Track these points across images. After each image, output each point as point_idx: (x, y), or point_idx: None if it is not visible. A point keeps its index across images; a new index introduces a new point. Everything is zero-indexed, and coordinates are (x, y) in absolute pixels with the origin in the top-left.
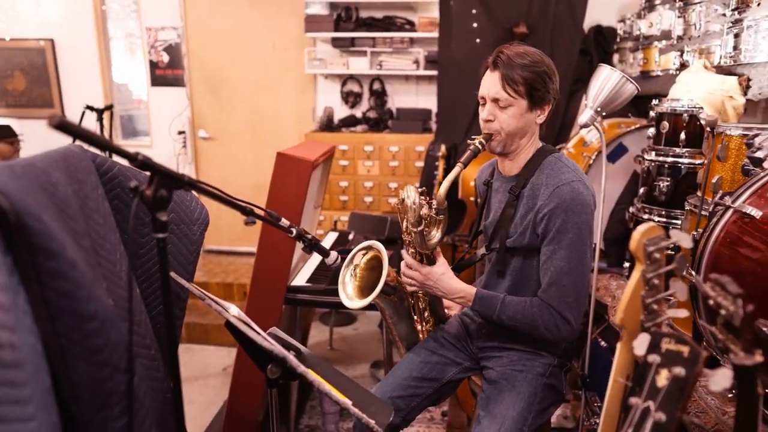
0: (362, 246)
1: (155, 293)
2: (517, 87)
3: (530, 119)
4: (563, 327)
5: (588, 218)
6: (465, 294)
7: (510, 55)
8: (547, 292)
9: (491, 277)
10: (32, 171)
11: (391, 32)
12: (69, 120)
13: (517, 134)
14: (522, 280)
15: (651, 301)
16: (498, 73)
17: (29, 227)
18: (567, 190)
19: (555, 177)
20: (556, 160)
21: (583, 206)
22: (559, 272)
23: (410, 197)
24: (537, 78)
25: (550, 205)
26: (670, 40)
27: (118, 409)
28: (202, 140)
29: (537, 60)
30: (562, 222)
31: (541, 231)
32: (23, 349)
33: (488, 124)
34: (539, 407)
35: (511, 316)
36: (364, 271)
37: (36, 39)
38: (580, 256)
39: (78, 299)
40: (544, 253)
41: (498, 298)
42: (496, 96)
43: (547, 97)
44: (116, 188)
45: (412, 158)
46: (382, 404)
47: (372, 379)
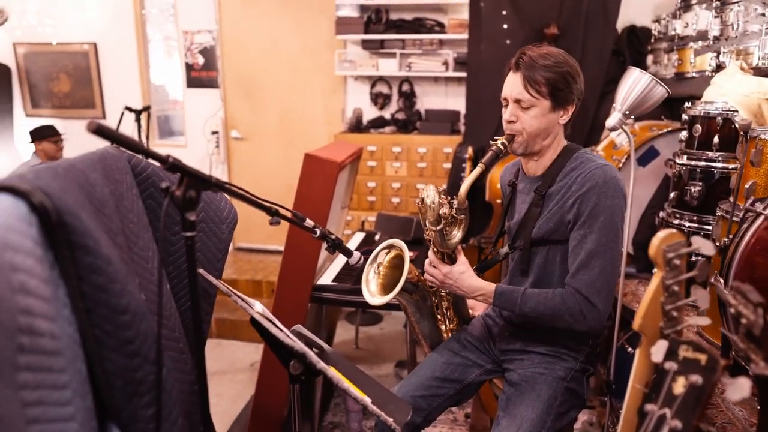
0: (385, 244)
1: (185, 289)
2: (540, 87)
3: (553, 120)
4: (589, 313)
5: (620, 202)
6: (485, 291)
7: (532, 56)
8: (575, 276)
9: (514, 275)
10: (72, 171)
11: (420, 34)
12: (105, 125)
13: (540, 135)
14: (545, 276)
15: (671, 308)
16: (520, 74)
17: (69, 225)
18: (599, 173)
19: (585, 165)
20: (582, 154)
21: (616, 189)
22: (589, 255)
23: (430, 196)
24: (560, 78)
25: (583, 189)
26: (706, 40)
27: (147, 398)
28: (234, 140)
29: (560, 60)
30: (594, 204)
31: (573, 216)
32: (62, 338)
33: (510, 125)
34: (559, 411)
35: (533, 307)
36: (387, 269)
37: (80, 43)
38: (610, 240)
39: (112, 293)
40: (574, 238)
41: (518, 291)
42: (519, 97)
43: (570, 97)
44: (150, 188)
45: (440, 160)
46: (400, 402)
47: (396, 379)
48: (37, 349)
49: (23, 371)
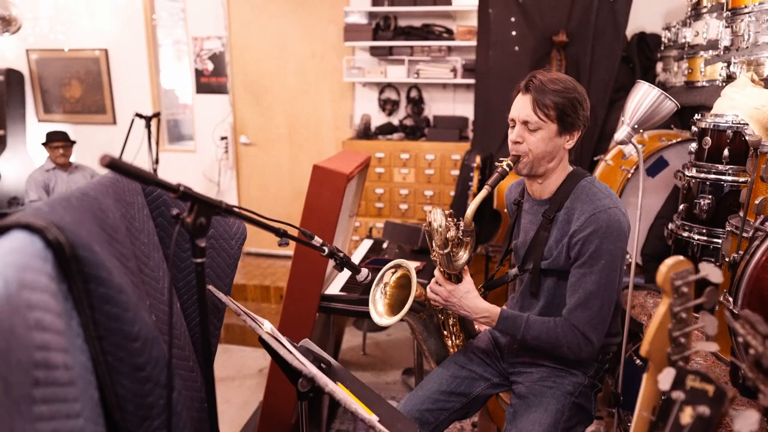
0: (391, 265)
1: (195, 305)
2: (548, 111)
3: (559, 144)
4: (585, 347)
5: (622, 245)
6: (489, 313)
7: (543, 80)
8: (573, 313)
9: (525, 297)
10: (86, 201)
11: (429, 41)
12: (118, 160)
13: (545, 158)
14: (555, 300)
15: (678, 334)
16: (530, 97)
17: (82, 258)
18: (604, 217)
19: (591, 203)
20: (589, 185)
21: (619, 233)
22: (588, 295)
23: (437, 220)
24: (568, 104)
25: (586, 231)
26: (716, 50)
27: (158, 421)
28: (243, 146)
29: (569, 87)
30: (596, 248)
31: (574, 254)
32: (75, 368)
33: (516, 146)
34: (566, 426)
35: (535, 336)
36: (393, 288)
37: (91, 49)
38: (609, 281)
39: (124, 321)
40: (574, 274)
41: (522, 318)
42: (526, 119)
43: (577, 123)
44: (161, 206)
45: (448, 166)
46: (407, 421)
47: (404, 386)
48: (51, 382)
49: (39, 404)
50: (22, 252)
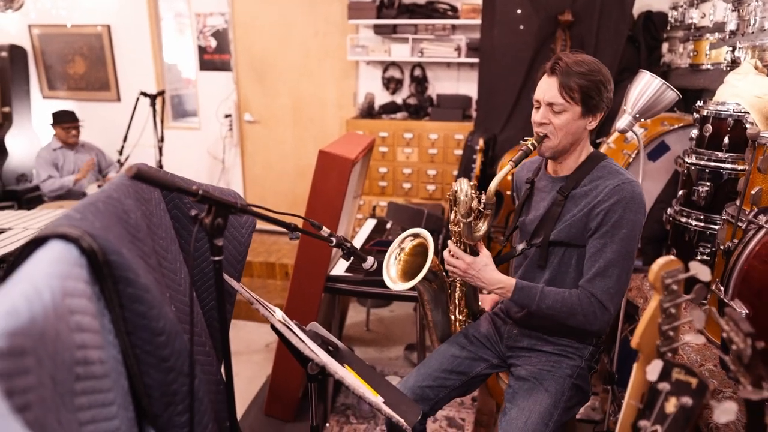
0: (410, 232)
1: (209, 290)
2: (573, 93)
3: (582, 125)
4: (602, 315)
5: (641, 218)
6: (505, 285)
7: (568, 62)
8: (592, 281)
9: (530, 270)
10: (110, 203)
11: (433, 19)
12: (144, 170)
13: (568, 139)
14: (559, 275)
15: (667, 328)
16: (555, 79)
17: (112, 262)
18: (628, 189)
19: (614, 177)
20: (610, 164)
21: (640, 206)
22: (608, 264)
23: (463, 190)
24: (593, 86)
25: (610, 201)
26: (722, 33)
27: (181, 407)
28: (247, 124)
29: (594, 69)
30: (619, 217)
31: (595, 225)
32: (109, 362)
33: (542, 127)
34: (566, 405)
35: (550, 305)
36: (408, 256)
37: (94, 25)
38: (629, 252)
39: (150, 318)
40: (593, 245)
41: (537, 288)
42: (552, 100)
43: (600, 105)
44: (175, 199)
45: (451, 146)
46: (411, 403)
47: (406, 361)
48: (89, 376)
49: (79, 396)
50: (62, 261)
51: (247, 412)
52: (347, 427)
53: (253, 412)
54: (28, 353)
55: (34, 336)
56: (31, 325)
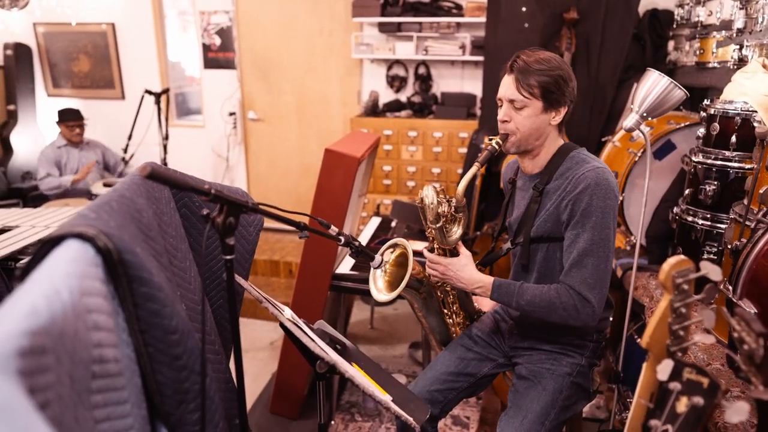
0: (390, 243)
1: (217, 288)
2: (532, 89)
3: (545, 120)
4: (583, 308)
5: (612, 203)
6: (483, 283)
7: (527, 59)
8: (568, 274)
9: (517, 270)
10: (123, 203)
11: (438, 17)
12: (158, 170)
13: (532, 135)
14: (546, 272)
15: (678, 328)
16: (513, 76)
17: (126, 261)
18: (592, 175)
19: (581, 166)
20: (578, 154)
21: (607, 190)
22: (581, 253)
23: (429, 196)
24: (551, 81)
25: (577, 189)
26: (729, 31)
27: (193, 405)
28: (251, 122)
29: (553, 65)
30: (587, 205)
31: (566, 216)
32: (123, 360)
33: (504, 125)
34: (564, 404)
35: (529, 300)
36: (393, 266)
37: (98, 23)
38: (603, 239)
39: (163, 316)
40: (568, 237)
41: (515, 284)
42: (512, 97)
43: (562, 99)
44: (184, 198)
45: (456, 144)
46: (420, 402)
47: (411, 360)
48: (105, 374)
49: (95, 394)
50: (79, 261)
51: (253, 409)
52: (352, 424)
53: (259, 409)
54: (48, 352)
55: (53, 335)
56: (51, 324)
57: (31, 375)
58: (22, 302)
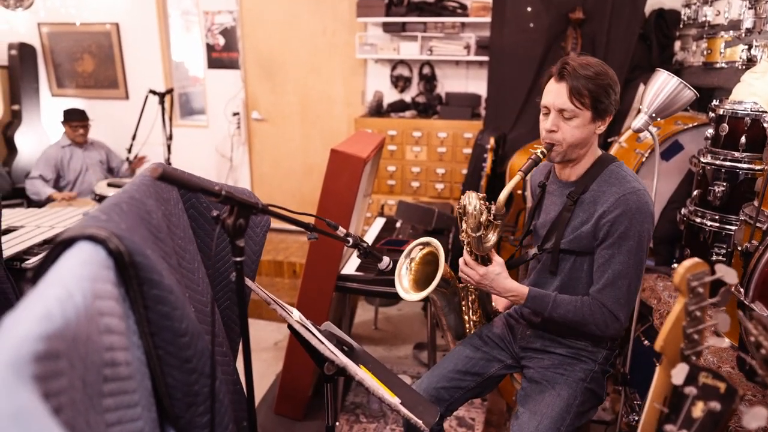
0: (420, 241)
1: (224, 290)
2: (583, 99)
3: (591, 130)
4: (612, 324)
5: (649, 227)
6: (518, 293)
7: (576, 66)
8: (602, 292)
9: (542, 275)
10: (134, 204)
11: (442, 17)
12: (169, 172)
13: (579, 145)
14: (571, 281)
15: (692, 331)
16: (565, 84)
17: (138, 263)
18: (634, 199)
19: (620, 185)
20: (618, 168)
21: (646, 215)
22: (616, 275)
23: (472, 203)
24: (602, 90)
25: (616, 212)
26: (738, 31)
27: (203, 407)
28: (255, 122)
29: (601, 72)
30: (626, 228)
31: (602, 235)
32: (134, 363)
33: (551, 134)
34: (578, 410)
35: (562, 314)
36: (419, 264)
37: (102, 23)
38: (637, 262)
39: (174, 319)
40: (602, 255)
41: (549, 296)
42: (562, 107)
43: (609, 108)
44: (192, 198)
45: (460, 145)
46: (428, 404)
47: (415, 361)
48: (116, 377)
49: (107, 397)
50: (92, 263)
51: (257, 410)
52: (357, 426)
53: (263, 410)
54: (62, 356)
55: (67, 339)
56: (65, 328)
57: (45, 380)
58: (36, 306)
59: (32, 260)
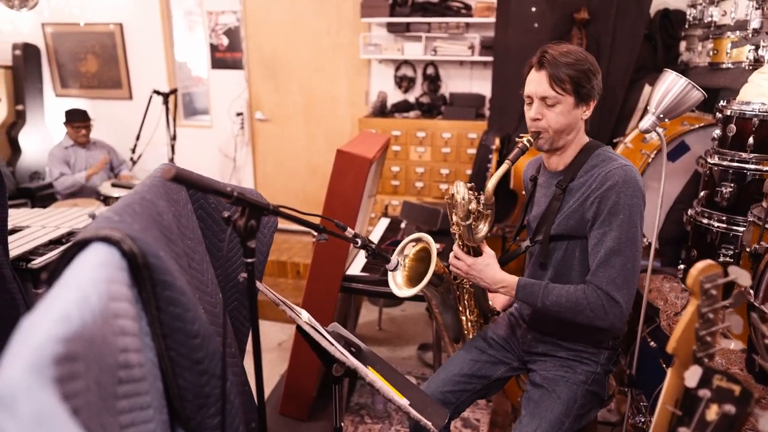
0: (412, 237)
1: (231, 290)
2: (564, 85)
3: (576, 115)
4: (611, 308)
5: (639, 202)
6: (507, 283)
7: (554, 54)
8: (595, 274)
9: (534, 268)
10: (145, 206)
11: (446, 17)
12: (182, 173)
13: (564, 131)
14: (564, 270)
15: (704, 333)
16: (545, 72)
17: (151, 264)
18: (620, 173)
19: (607, 163)
20: (604, 152)
21: (635, 189)
22: (608, 252)
23: (460, 192)
24: (582, 75)
25: (603, 187)
26: (744, 31)
27: (214, 409)
28: (258, 122)
29: (581, 58)
30: (614, 203)
31: (592, 215)
32: (146, 365)
33: (536, 123)
34: (579, 412)
35: (554, 301)
36: (412, 261)
37: (106, 23)
38: (630, 238)
39: (186, 320)
40: (593, 237)
41: (540, 284)
42: (544, 94)
43: (592, 93)
44: (200, 199)
45: (464, 145)
46: (437, 406)
47: (419, 362)
48: (130, 379)
49: (121, 399)
50: (107, 265)
51: None
52: (362, 426)
53: (267, 411)
54: (79, 358)
55: (84, 341)
56: (82, 330)
57: (64, 382)
58: (54, 308)
59: (38, 260)
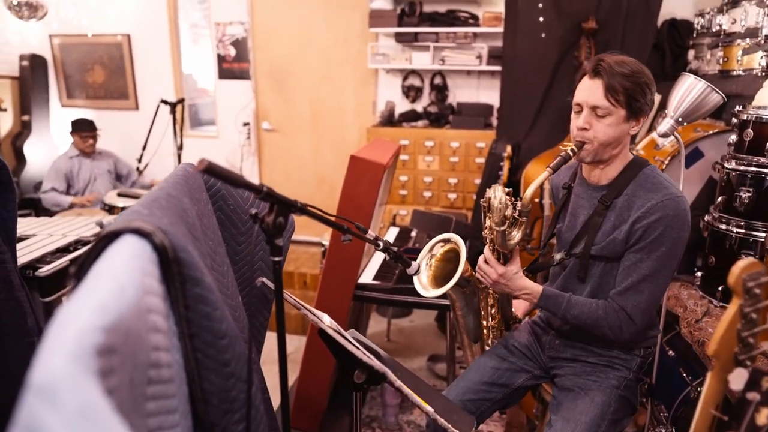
0: (442, 237)
1: (247, 296)
2: (618, 96)
3: (625, 130)
4: (627, 329)
5: (685, 236)
6: (531, 291)
7: (611, 63)
8: (623, 294)
9: (571, 281)
10: (172, 201)
11: (454, 27)
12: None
13: (611, 144)
14: (601, 286)
15: (747, 335)
16: (600, 81)
17: (182, 259)
18: (672, 205)
19: (658, 190)
20: (652, 172)
21: (683, 223)
22: (641, 279)
23: (497, 197)
24: (638, 88)
25: (652, 217)
26: (756, 38)
27: (239, 415)
28: (265, 132)
29: (637, 70)
30: (660, 235)
31: (634, 240)
32: (174, 366)
33: (582, 132)
34: (613, 417)
35: (575, 315)
36: (439, 261)
37: (114, 34)
38: (666, 269)
39: (214, 319)
40: (629, 258)
41: (564, 297)
42: (596, 104)
43: (644, 108)
44: (219, 201)
45: (473, 154)
46: (463, 413)
47: (430, 373)
48: (159, 380)
49: (150, 400)
50: (141, 257)
51: None
52: None
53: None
54: (116, 352)
55: (120, 334)
56: (119, 323)
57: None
58: (90, 298)
59: (45, 269)
